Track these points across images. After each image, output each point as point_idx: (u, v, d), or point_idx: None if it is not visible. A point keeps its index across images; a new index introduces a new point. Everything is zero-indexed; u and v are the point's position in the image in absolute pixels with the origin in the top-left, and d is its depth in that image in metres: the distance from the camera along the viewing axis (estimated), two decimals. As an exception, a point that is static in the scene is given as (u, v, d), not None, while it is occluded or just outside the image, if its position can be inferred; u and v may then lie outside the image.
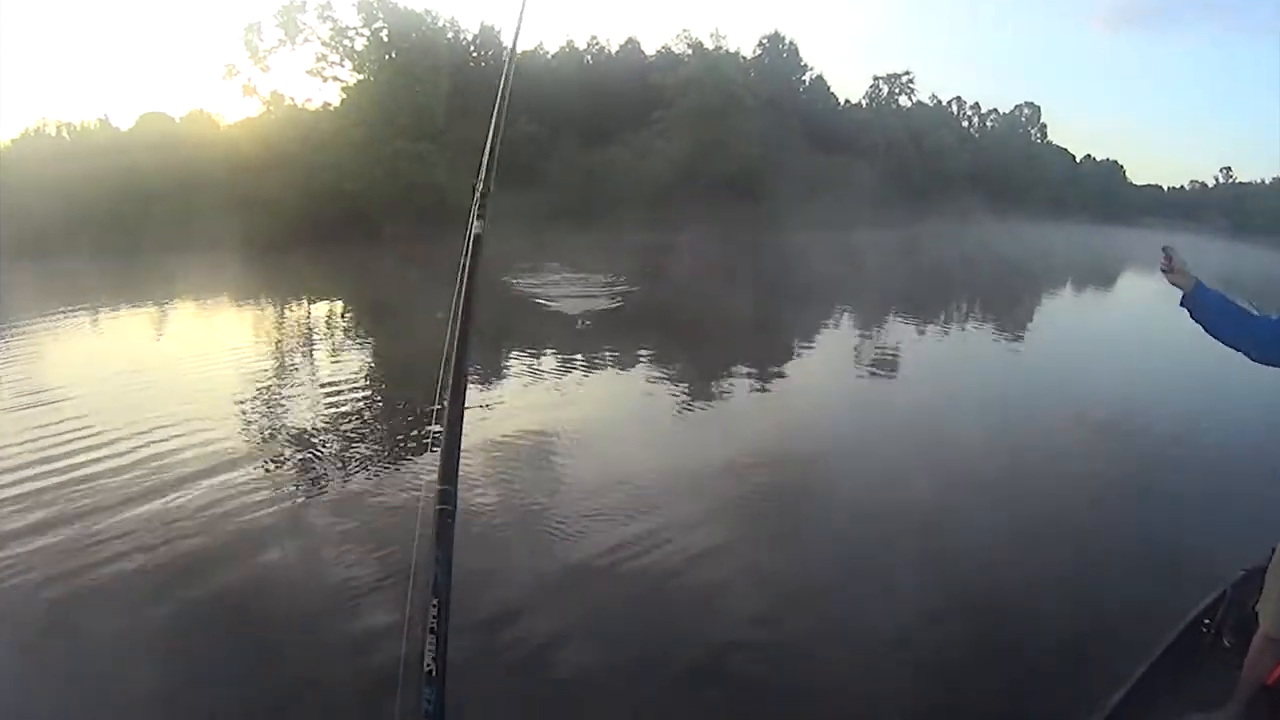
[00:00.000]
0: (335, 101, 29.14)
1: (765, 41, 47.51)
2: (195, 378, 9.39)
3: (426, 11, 30.70)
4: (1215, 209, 71.88)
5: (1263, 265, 36.08)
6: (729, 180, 35.59)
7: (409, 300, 14.94)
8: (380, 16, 28.84)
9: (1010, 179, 59.52)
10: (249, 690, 3.73)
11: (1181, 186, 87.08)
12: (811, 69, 51.12)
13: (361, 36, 28.84)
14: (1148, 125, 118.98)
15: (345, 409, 8.43)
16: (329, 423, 7.86)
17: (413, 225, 24.29)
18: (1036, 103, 69.65)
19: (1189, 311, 2.68)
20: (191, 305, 15.43)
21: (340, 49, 28.71)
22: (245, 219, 21.06)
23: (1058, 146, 71.85)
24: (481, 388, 9.08)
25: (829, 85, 53.23)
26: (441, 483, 1.29)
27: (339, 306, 16.71)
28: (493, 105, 1.89)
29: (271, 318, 14.88)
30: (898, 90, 56.69)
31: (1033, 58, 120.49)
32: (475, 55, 39.70)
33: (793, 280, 22.65)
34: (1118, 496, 6.68)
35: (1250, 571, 3.38)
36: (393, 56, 28.50)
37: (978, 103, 66.41)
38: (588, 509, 5.81)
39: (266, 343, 12.37)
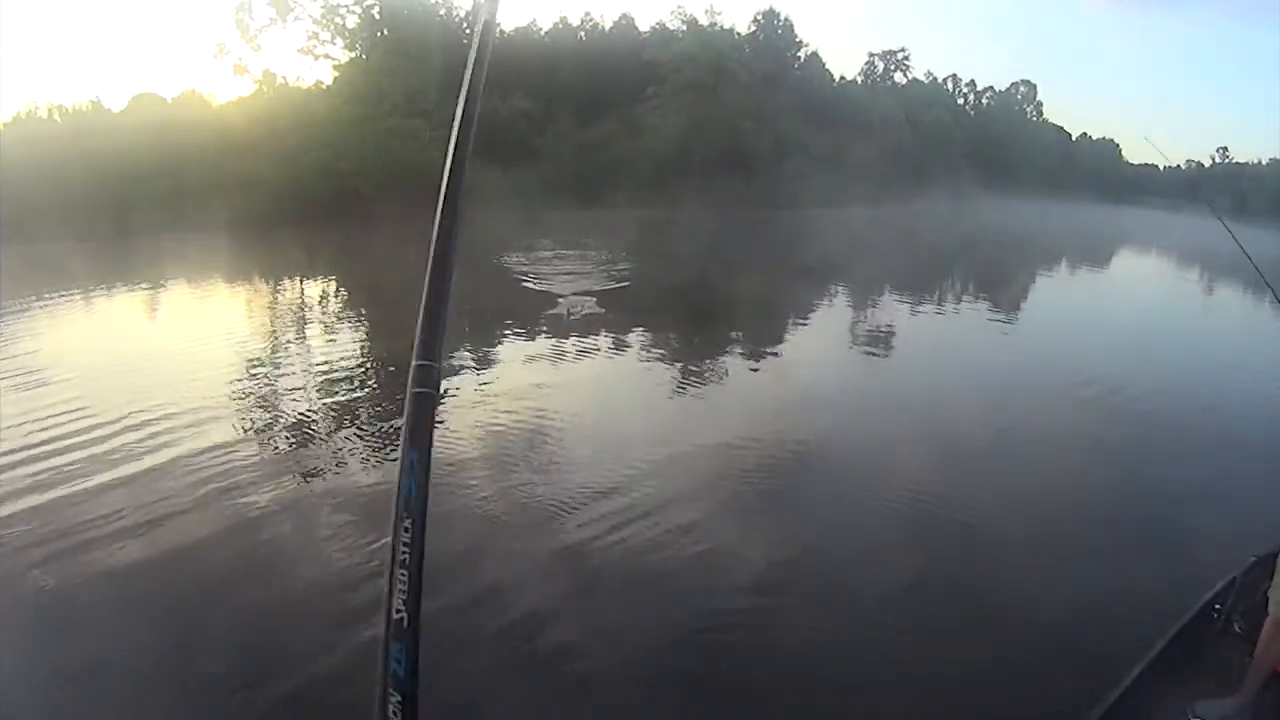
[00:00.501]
0: (327, 80, 29.03)
1: (760, 18, 47.00)
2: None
3: (419, -12, 30.43)
4: (1214, 189, 71.31)
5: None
6: (724, 157, 35.49)
7: (402, 278, 15.01)
8: (372, -6, 28.56)
9: (1006, 157, 59.33)
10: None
11: (1178, 166, 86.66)
12: (807, 45, 50.56)
13: (353, 14, 28.55)
14: (1145, 104, 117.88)
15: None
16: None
17: (405, 203, 24.27)
18: (1033, 80, 69.35)
19: None
20: (185, 286, 15.53)
21: (332, 27, 28.44)
22: (238, 199, 21.08)
23: (1054, 124, 71.62)
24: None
25: (824, 62, 52.73)
26: (419, 358, 0.88)
27: (331, 286, 16.85)
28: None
29: (265, 296, 15.04)
30: (893, 67, 56.40)
31: (1029, 35, 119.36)
32: (468, 32, 39.30)
33: (797, 257, 22.62)
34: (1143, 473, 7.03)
35: (1261, 558, 3.46)
36: (385, 34, 28.26)
37: (973, 80, 66.00)
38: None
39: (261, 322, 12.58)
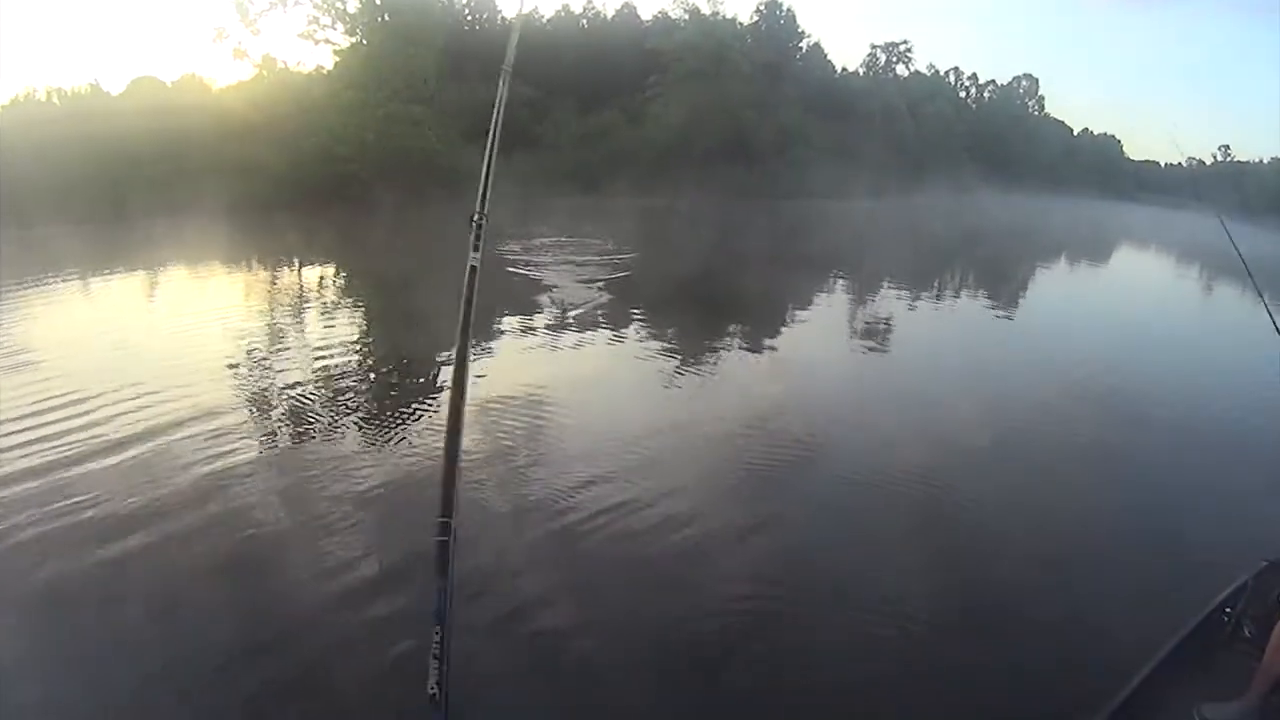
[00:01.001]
0: (327, 65, 28.88)
1: (762, 8, 46.76)
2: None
3: (420, -27, 30.18)
4: (1216, 186, 70.97)
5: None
6: (725, 146, 35.39)
7: (400, 263, 15.03)
8: (373, -22, 28.35)
9: (1007, 151, 59.15)
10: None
11: (1179, 163, 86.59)
12: (809, 36, 50.33)
13: (354, -1, 28.43)
14: (1146, 102, 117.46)
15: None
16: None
17: (404, 188, 24.30)
18: (1034, 75, 69.05)
19: None
20: (183, 270, 15.49)
21: (332, 11, 28.20)
22: (237, 183, 20.91)
23: (1056, 119, 71.35)
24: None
25: (826, 53, 52.56)
26: (441, 515, 1.31)
27: (330, 270, 16.80)
28: (487, 132, 1.76)
29: (263, 281, 15.01)
30: (895, 59, 55.97)
31: (1031, 30, 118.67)
32: (469, 18, 39.24)
33: (799, 247, 22.55)
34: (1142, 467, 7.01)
35: (1273, 562, 3.45)
36: (385, 19, 28.06)
37: (975, 73, 65.58)
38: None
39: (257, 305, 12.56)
